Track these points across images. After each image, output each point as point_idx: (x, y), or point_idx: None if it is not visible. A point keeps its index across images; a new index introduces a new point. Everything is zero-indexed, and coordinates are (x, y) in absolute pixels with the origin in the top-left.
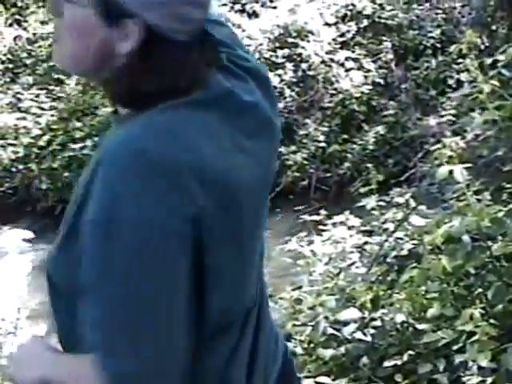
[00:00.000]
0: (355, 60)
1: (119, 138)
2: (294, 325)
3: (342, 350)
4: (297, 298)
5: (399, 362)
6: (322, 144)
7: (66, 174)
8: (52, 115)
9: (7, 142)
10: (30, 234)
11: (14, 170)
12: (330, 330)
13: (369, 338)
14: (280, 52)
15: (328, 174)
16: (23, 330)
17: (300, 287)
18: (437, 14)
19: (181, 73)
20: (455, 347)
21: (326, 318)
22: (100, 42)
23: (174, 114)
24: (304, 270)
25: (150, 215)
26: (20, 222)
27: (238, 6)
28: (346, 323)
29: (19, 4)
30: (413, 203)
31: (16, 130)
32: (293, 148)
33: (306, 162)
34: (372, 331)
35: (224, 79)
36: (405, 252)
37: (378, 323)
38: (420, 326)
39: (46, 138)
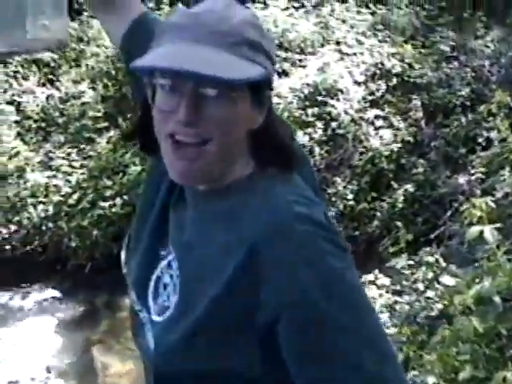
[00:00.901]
0: (385, 118)
1: (269, 217)
2: None
3: None
4: None
5: None
6: (351, 202)
7: (96, 233)
8: (82, 173)
9: (37, 200)
10: (58, 293)
11: (43, 227)
12: None
13: None
14: (310, 110)
15: (357, 232)
16: None
17: None
18: (466, 72)
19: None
20: None
21: None
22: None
23: (292, 180)
24: None
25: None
26: (49, 280)
27: None
28: None
29: (52, 64)
30: (443, 263)
31: (46, 188)
32: None
33: (334, 221)
34: None
35: None
36: (435, 312)
37: None
38: None
39: (76, 196)
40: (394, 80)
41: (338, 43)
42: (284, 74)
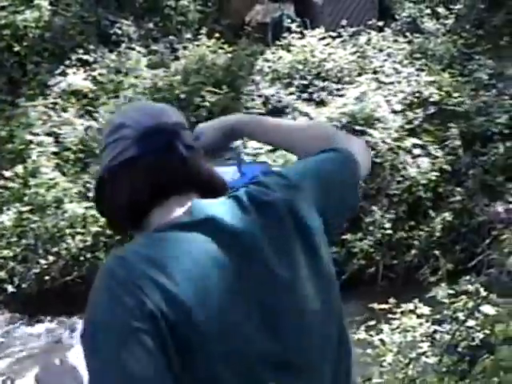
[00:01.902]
0: (422, 147)
1: None
2: None
3: None
4: None
5: None
6: (389, 231)
7: None
8: None
9: (75, 231)
10: None
11: (82, 258)
12: None
13: None
14: None
15: (395, 261)
16: None
17: (370, 379)
18: (504, 99)
19: None
20: None
21: None
22: None
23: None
24: (374, 360)
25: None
26: None
27: (305, 95)
28: None
29: (90, 95)
30: (483, 292)
31: (84, 219)
32: (359, 235)
33: (372, 250)
34: None
35: (210, 206)
36: (476, 342)
37: None
38: None
39: None
40: (432, 108)
41: (375, 72)
42: (321, 103)
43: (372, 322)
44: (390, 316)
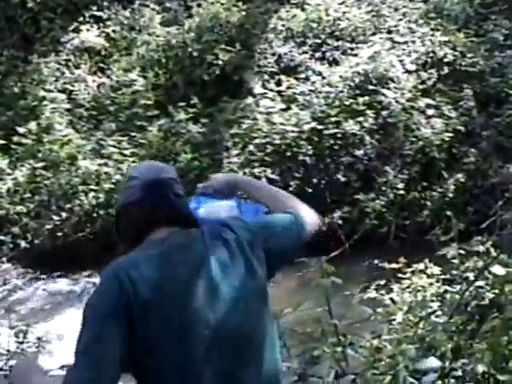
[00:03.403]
0: (436, 107)
1: None
2: (374, 374)
3: None
4: (376, 346)
5: None
6: (401, 191)
7: None
8: (133, 161)
9: (89, 188)
10: None
11: (94, 215)
12: (410, 380)
13: None
14: (360, 99)
15: (407, 222)
16: None
17: (379, 336)
18: None
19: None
20: None
21: (406, 367)
22: None
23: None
24: (384, 319)
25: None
26: (99, 268)
27: (318, 54)
28: (425, 373)
29: (103, 52)
30: (494, 252)
31: (98, 176)
32: (372, 195)
33: (384, 210)
34: (452, 381)
35: (169, 233)
36: (486, 301)
37: (458, 373)
38: (501, 377)
39: None
40: (446, 69)
41: (389, 32)
42: (335, 62)
43: (382, 281)
44: (400, 275)
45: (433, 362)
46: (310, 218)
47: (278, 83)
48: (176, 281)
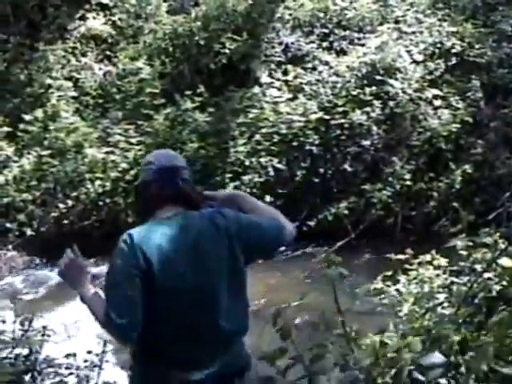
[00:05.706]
0: (443, 98)
1: None
2: (379, 367)
3: None
4: (381, 340)
5: None
6: (408, 182)
7: None
8: (140, 150)
9: (95, 176)
10: None
11: (100, 203)
12: (415, 374)
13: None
14: (368, 89)
15: (413, 213)
16: (108, 363)
17: (384, 331)
18: None
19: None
20: None
21: (412, 361)
22: None
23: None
24: (389, 310)
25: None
26: (105, 255)
27: (325, 44)
28: (431, 367)
29: (109, 40)
30: (502, 244)
31: (104, 164)
32: (378, 185)
33: (391, 200)
34: (458, 376)
35: (185, 213)
36: (494, 294)
37: (463, 370)
38: (507, 370)
39: (133, 172)
40: (454, 59)
41: (397, 22)
42: (342, 52)
43: (389, 272)
44: (407, 267)
45: (438, 357)
46: (289, 228)
47: (285, 73)
48: (174, 251)
